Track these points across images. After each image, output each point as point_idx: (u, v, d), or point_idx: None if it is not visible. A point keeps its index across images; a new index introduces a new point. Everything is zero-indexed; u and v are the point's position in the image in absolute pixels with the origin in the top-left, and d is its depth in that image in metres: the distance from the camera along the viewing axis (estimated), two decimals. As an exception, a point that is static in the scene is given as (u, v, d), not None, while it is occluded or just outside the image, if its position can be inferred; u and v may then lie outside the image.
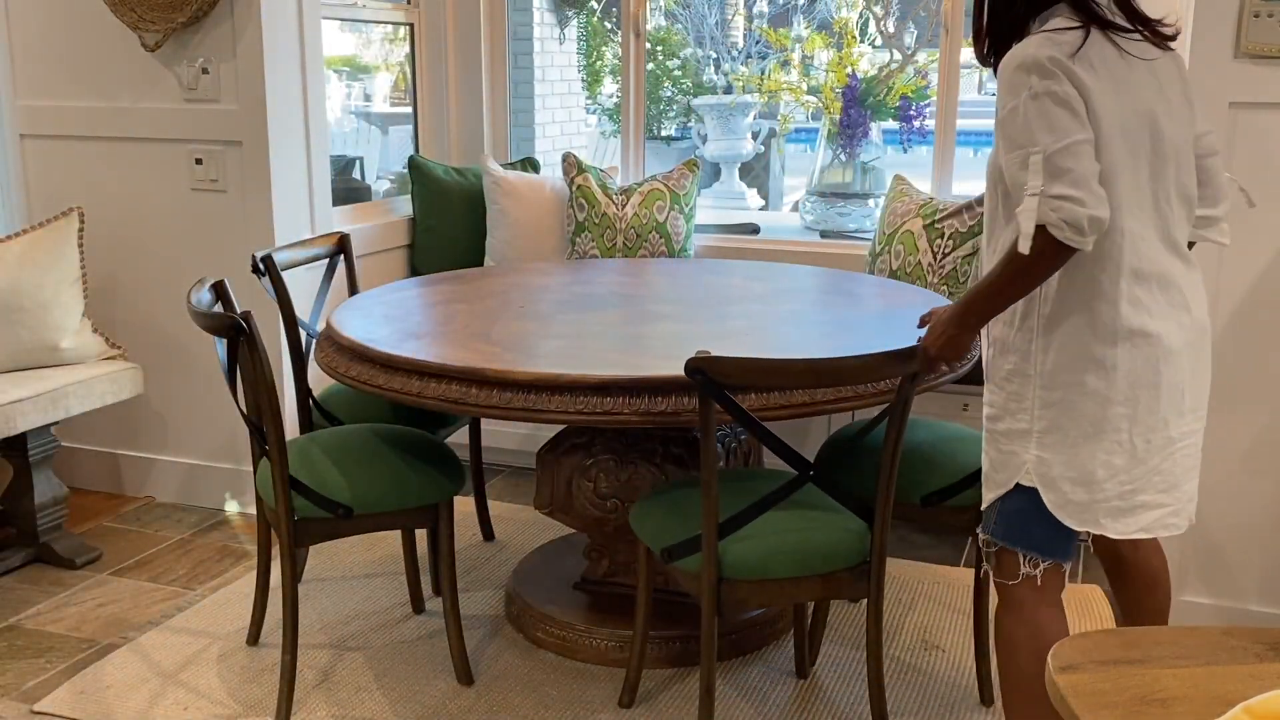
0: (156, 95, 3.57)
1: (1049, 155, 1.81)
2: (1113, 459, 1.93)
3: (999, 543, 2.04)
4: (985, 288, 1.96)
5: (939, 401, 3.41)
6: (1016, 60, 1.87)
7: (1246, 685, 1.41)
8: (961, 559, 3.39)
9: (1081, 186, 1.79)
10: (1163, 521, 1.99)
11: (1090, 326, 1.92)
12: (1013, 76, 1.86)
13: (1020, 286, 1.91)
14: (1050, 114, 1.82)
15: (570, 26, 6.08)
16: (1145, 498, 1.96)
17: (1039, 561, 2.01)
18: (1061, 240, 1.80)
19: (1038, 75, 1.83)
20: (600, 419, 2.25)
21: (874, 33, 4.58)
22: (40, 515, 3.30)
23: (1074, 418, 1.94)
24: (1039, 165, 1.82)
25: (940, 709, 2.59)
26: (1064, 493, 1.96)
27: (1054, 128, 1.82)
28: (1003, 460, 2.02)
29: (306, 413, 3.01)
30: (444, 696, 2.63)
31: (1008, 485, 2.01)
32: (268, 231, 3.49)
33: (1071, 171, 1.80)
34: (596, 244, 3.91)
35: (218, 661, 2.78)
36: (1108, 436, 1.93)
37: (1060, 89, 1.82)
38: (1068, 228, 1.79)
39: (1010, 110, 1.86)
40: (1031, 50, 1.86)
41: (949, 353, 2.10)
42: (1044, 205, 1.80)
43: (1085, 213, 1.78)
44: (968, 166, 4.22)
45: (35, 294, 3.23)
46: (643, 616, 2.52)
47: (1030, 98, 1.83)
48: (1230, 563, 2.86)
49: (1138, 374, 1.92)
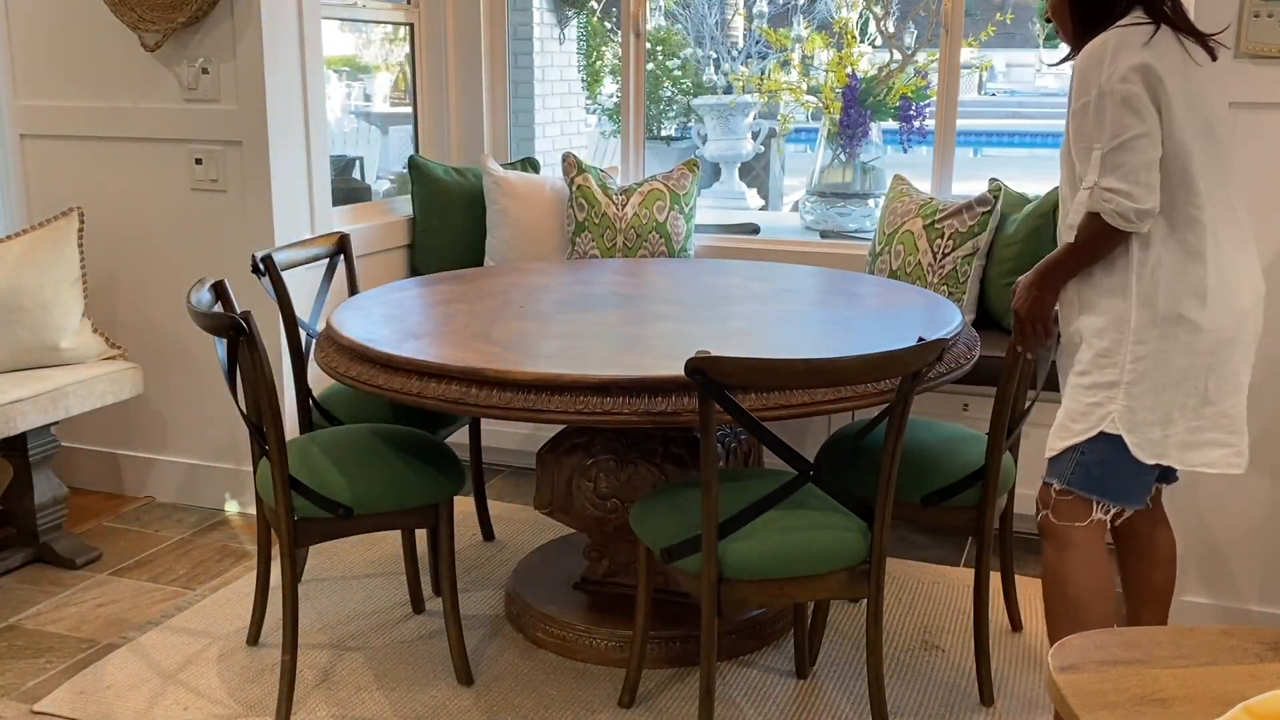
0: (156, 95, 3.57)
1: (1106, 152, 2.08)
2: (1189, 400, 2.16)
3: (1074, 490, 2.23)
4: (1061, 258, 2.22)
5: (939, 401, 3.41)
6: (1090, 56, 2.10)
7: (1246, 685, 1.41)
8: (961, 559, 3.39)
9: (1130, 180, 2.07)
10: (1227, 460, 2.21)
11: (1183, 286, 2.13)
12: (1086, 72, 2.10)
13: (1085, 259, 2.18)
14: (1113, 111, 2.07)
15: (570, 26, 6.07)
16: (1212, 435, 2.19)
17: (1110, 507, 2.23)
18: (1114, 226, 2.09)
19: (1106, 73, 2.07)
20: (600, 419, 2.25)
21: (874, 33, 4.58)
22: (40, 515, 3.30)
23: (1163, 368, 2.15)
24: (1097, 160, 2.09)
25: (940, 709, 2.59)
26: (1144, 434, 2.17)
27: (1115, 125, 2.07)
28: (1084, 411, 2.20)
29: (306, 413, 3.01)
30: (444, 696, 2.63)
31: (1089, 433, 2.19)
32: (268, 231, 3.49)
33: (1124, 166, 2.07)
34: (596, 244, 3.91)
35: (218, 661, 2.79)
36: (1189, 383, 2.16)
37: (1125, 87, 2.06)
38: (1118, 217, 2.08)
39: (1082, 105, 2.11)
40: (1104, 47, 2.09)
41: (1036, 310, 2.28)
42: (1096, 196, 2.09)
43: (1132, 205, 2.07)
44: (968, 166, 4.22)
45: (35, 294, 3.23)
46: (643, 616, 2.52)
47: (1098, 95, 2.07)
48: (1230, 563, 2.86)
49: (1222, 329, 2.14)
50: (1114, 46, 2.08)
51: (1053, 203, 3.46)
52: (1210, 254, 2.13)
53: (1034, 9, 14.19)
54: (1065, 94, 3.35)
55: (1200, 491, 2.83)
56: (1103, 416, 2.18)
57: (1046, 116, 14.14)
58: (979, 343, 2.73)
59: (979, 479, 2.55)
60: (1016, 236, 3.49)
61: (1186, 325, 2.13)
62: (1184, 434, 2.17)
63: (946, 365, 2.49)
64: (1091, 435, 2.19)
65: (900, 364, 2.13)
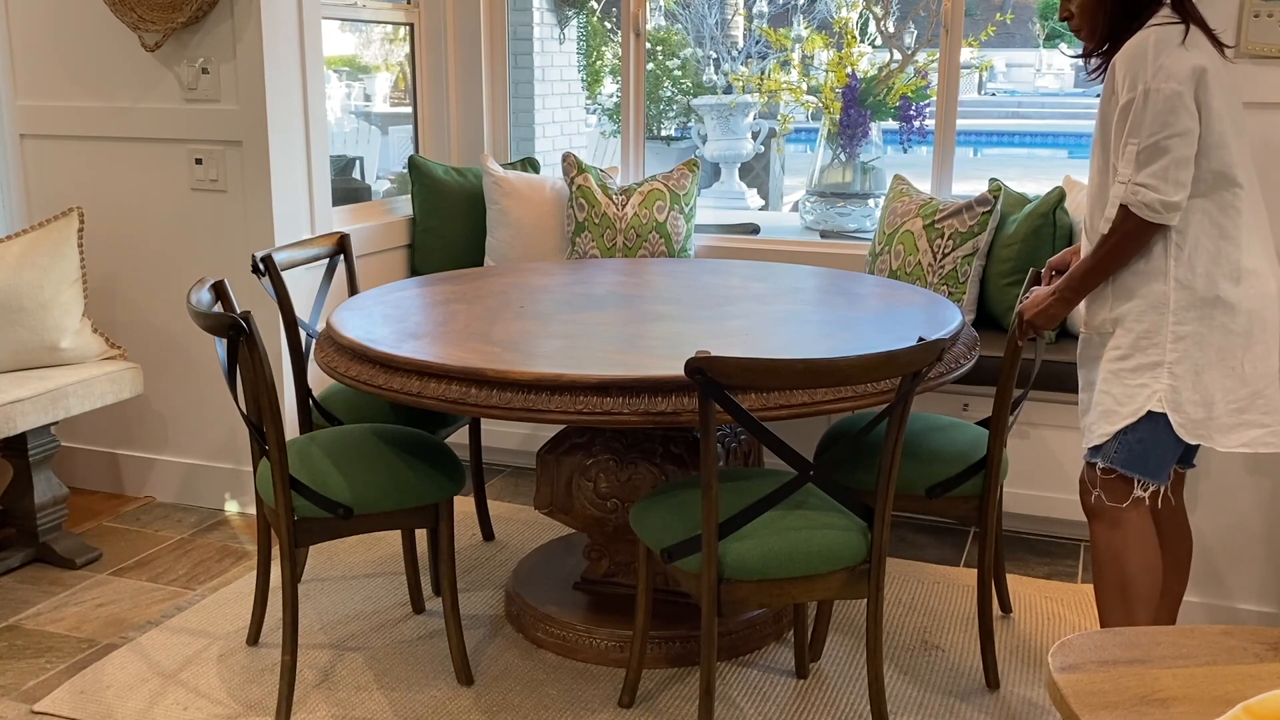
0: (156, 95, 3.57)
1: (1142, 148, 2.15)
2: (1227, 381, 2.24)
3: (1118, 469, 2.31)
4: (1095, 261, 2.28)
5: (939, 401, 3.41)
6: (1133, 54, 2.17)
7: (1246, 685, 1.42)
8: (961, 559, 3.39)
9: (1160, 175, 2.14)
10: (1263, 440, 2.27)
11: (1219, 267, 2.21)
12: (1131, 69, 2.16)
13: (1120, 255, 2.24)
14: (1156, 109, 2.13)
15: (570, 26, 6.08)
16: (1250, 417, 2.26)
17: (1149, 484, 2.31)
18: (1142, 218, 2.17)
19: (1152, 70, 2.13)
20: (600, 419, 2.25)
21: (874, 33, 4.58)
22: (40, 515, 3.30)
23: (1202, 347, 2.23)
24: (1132, 156, 2.16)
25: (940, 709, 2.59)
26: (1188, 414, 2.24)
27: (1155, 122, 2.13)
28: (1129, 394, 2.27)
29: (306, 413, 3.01)
30: (444, 696, 2.63)
31: (1137, 415, 2.26)
32: (268, 231, 3.49)
33: (1157, 162, 2.14)
34: (596, 244, 3.91)
35: (218, 661, 2.78)
36: (1226, 362, 2.23)
37: (1171, 86, 2.12)
38: (1144, 208, 2.16)
39: (1127, 102, 2.17)
40: (1144, 44, 2.15)
41: (1041, 320, 2.41)
42: (1128, 190, 2.17)
43: (1158, 198, 2.15)
44: (968, 166, 4.23)
45: (35, 294, 3.23)
46: (643, 616, 2.52)
47: (1144, 93, 2.14)
48: (1229, 563, 2.86)
49: (1255, 309, 2.23)
50: (1154, 44, 2.15)
51: (1052, 202, 3.46)
52: (1244, 238, 2.22)
53: (1034, 9, 14.14)
54: (1065, 94, 3.32)
55: (1199, 492, 2.83)
56: (1149, 396, 2.25)
57: (1046, 116, 14.15)
58: (979, 343, 2.74)
59: (982, 468, 2.60)
60: (1016, 236, 3.49)
61: (1223, 306, 2.21)
62: (1224, 416, 2.25)
63: (946, 365, 2.50)
64: (1140, 416, 2.25)
65: (900, 364, 2.13)
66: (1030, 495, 3.44)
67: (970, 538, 3.53)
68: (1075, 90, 15.12)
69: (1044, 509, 3.45)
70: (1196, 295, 2.22)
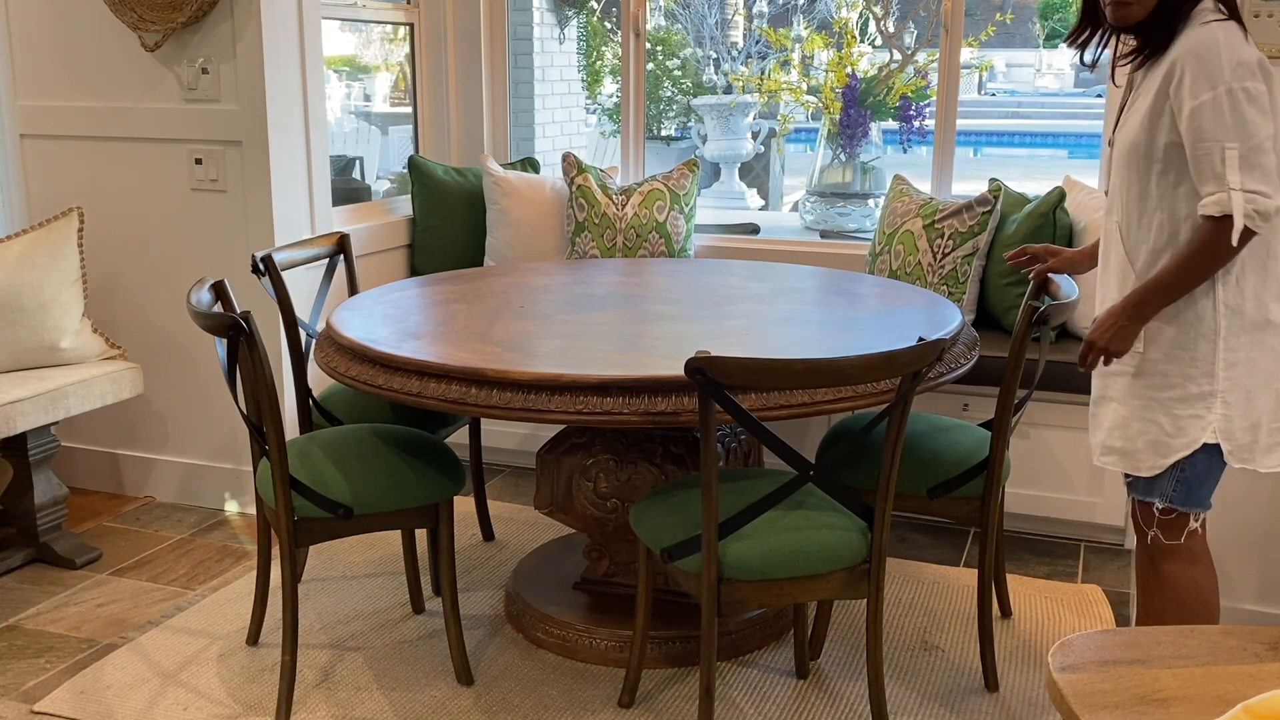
0: (156, 95, 3.57)
1: (1245, 153, 2.00)
2: (1271, 403, 2.16)
3: (1178, 508, 2.21)
4: (1164, 279, 2.11)
5: (940, 402, 3.41)
6: (1203, 52, 2.02)
7: (1246, 685, 1.42)
8: (961, 559, 3.39)
9: (1267, 181, 2.00)
10: None
11: (1268, 288, 2.12)
12: (1205, 66, 2.01)
13: (1200, 275, 2.08)
14: (1242, 110, 2.00)
15: (570, 26, 6.08)
16: None
17: (1200, 515, 2.23)
18: (1251, 229, 2.00)
19: (1228, 68, 2.00)
20: (600, 419, 2.25)
21: (874, 33, 4.58)
22: (40, 515, 3.30)
23: (1254, 373, 2.14)
24: (1234, 160, 2.00)
25: (940, 709, 2.59)
26: (1237, 440, 2.16)
27: (1247, 124, 2.00)
28: (1180, 426, 2.16)
29: (306, 413, 3.01)
30: (444, 696, 2.63)
31: (1192, 447, 2.16)
32: (268, 231, 3.49)
33: (1260, 166, 2.00)
34: (596, 244, 3.91)
35: (218, 661, 2.79)
36: (1272, 384, 2.15)
37: (1253, 85, 2.01)
38: (1257, 217, 2.00)
39: (1202, 103, 2.01)
40: (1215, 40, 2.03)
41: (1116, 344, 2.18)
42: (1239, 198, 1.99)
43: (1273, 204, 2.00)
44: (967, 166, 4.23)
45: (35, 294, 3.23)
46: (643, 616, 2.52)
47: (1226, 92, 2.00)
48: (1228, 563, 2.86)
49: None
50: (1225, 40, 2.03)
51: (1052, 202, 3.46)
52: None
53: (1034, 9, 14.15)
54: (1065, 94, 3.28)
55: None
56: (1203, 428, 2.15)
57: (1046, 116, 14.15)
58: (979, 343, 2.74)
59: (984, 469, 2.59)
60: (1016, 236, 3.49)
61: (1273, 329, 2.13)
62: (1266, 437, 2.17)
63: (946, 365, 2.50)
64: (1195, 449, 2.16)
65: (900, 364, 2.13)
66: (1030, 495, 3.44)
67: (970, 538, 3.53)
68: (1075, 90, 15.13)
69: (1044, 509, 3.45)
70: (1246, 320, 2.11)
